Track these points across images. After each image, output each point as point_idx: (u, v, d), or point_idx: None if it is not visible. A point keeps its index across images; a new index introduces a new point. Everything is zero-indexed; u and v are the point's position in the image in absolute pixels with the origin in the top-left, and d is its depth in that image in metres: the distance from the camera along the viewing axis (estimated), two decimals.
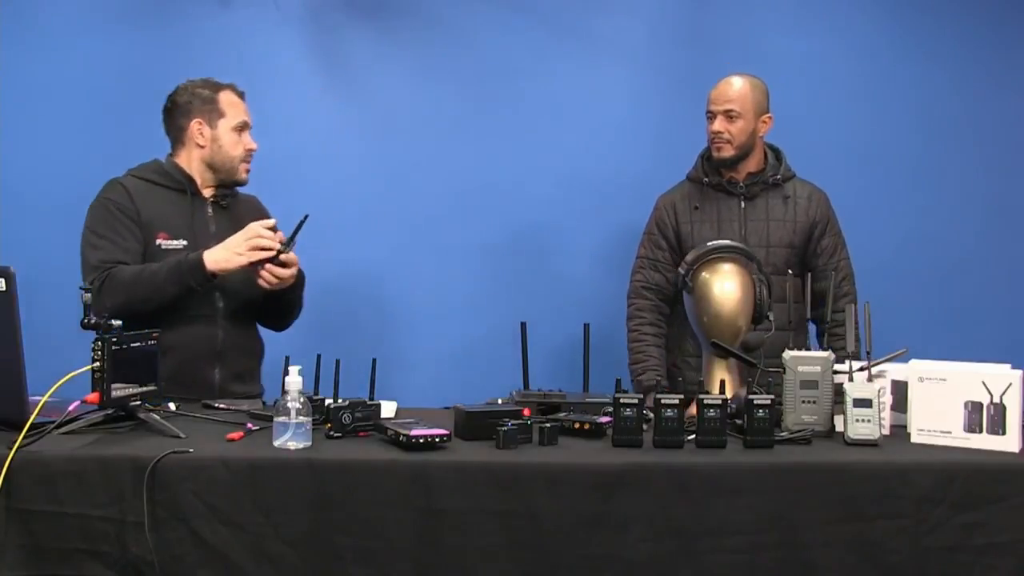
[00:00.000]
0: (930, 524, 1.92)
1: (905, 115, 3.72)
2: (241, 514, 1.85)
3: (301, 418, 1.95)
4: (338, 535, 1.86)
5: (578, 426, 2.15)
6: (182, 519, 1.84)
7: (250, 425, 2.13)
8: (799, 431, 2.12)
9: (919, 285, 3.66)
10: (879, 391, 2.11)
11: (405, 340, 3.57)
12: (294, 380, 1.97)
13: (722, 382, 2.16)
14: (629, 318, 3.11)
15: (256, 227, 2.50)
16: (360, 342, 3.43)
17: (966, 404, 2.06)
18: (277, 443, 1.95)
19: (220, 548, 1.84)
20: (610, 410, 2.10)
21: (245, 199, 2.79)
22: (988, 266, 3.73)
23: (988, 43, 3.73)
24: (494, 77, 3.66)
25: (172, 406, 2.32)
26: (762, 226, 3.01)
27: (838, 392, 2.15)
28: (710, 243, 2.45)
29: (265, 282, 2.51)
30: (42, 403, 1.94)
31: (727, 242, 2.47)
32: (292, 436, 1.94)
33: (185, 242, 2.60)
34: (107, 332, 2.01)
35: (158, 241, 2.59)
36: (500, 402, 2.28)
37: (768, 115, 3.02)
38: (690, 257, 2.43)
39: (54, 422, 1.96)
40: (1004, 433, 2.03)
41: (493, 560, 1.88)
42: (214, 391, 2.58)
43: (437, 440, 1.96)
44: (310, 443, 1.96)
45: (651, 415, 2.07)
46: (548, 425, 2.07)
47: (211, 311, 2.62)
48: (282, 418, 1.95)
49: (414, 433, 1.94)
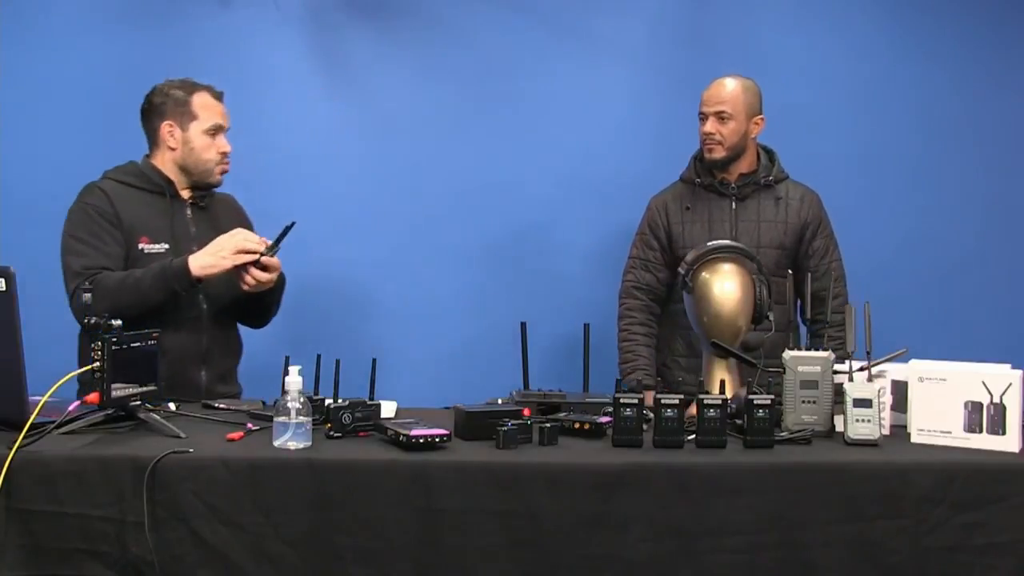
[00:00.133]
0: (930, 524, 1.92)
1: (905, 115, 3.72)
2: (241, 514, 1.85)
3: (301, 418, 1.95)
4: (338, 535, 1.86)
5: (578, 426, 2.14)
6: (182, 519, 1.84)
7: (250, 425, 2.13)
8: (799, 431, 2.12)
9: (919, 285, 3.66)
10: (879, 391, 2.11)
11: (405, 340, 3.56)
12: (294, 380, 1.97)
13: (722, 382, 2.16)
14: (620, 317, 3.12)
15: (242, 231, 2.54)
16: (360, 342, 3.44)
17: (966, 404, 2.06)
18: (277, 443, 1.95)
19: (220, 548, 1.84)
20: (610, 410, 2.10)
21: (221, 198, 2.80)
22: (988, 266, 3.72)
23: (988, 43, 3.73)
24: (494, 77, 3.66)
25: (172, 406, 2.32)
26: (753, 227, 3.01)
27: (838, 392, 2.15)
28: (710, 243, 2.45)
29: (247, 285, 2.54)
30: (42, 403, 1.94)
31: (727, 242, 2.47)
32: (292, 436, 1.94)
33: (167, 245, 2.60)
34: (107, 332, 2.01)
35: (140, 245, 2.58)
36: (500, 402, 2.28)
37: (760, 116, 3.02)
38: (690, 257, 2.43)
39: (54, 422, 1.96)
40: (1004, 433, 2.03)
41: (493, 560, 1.88)
42: (200, 392, 2.59)
43: (437, 440, 1.96)
44: (310, 443, 1.96)
45: (651, 415, 2.08)
46: (548, 425, 2.07)
47: (196, 314, 2.63)
48: (282, 418, 1.95)
49: (414, 433, 1.94)
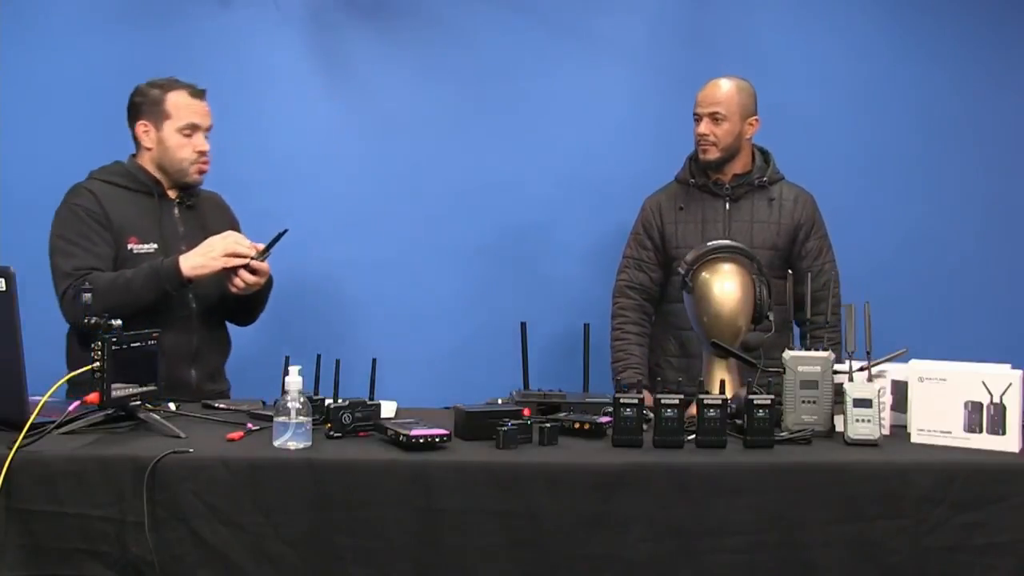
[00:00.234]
0: (930, 524, 1.92)
1: (905, 115, 3.72)
2: (241, 514, 1.85)
3: (301, 418, 1.95)
4: (338, 535, 1.86)
5: (578, 426, 2.14)
6: (182, 519, 1.84)
7: (250, 425, 2.13)
8: (799, 431, 2.12)
9: (919, 285, 3.66)
10: (879, 391, 2.11)
11: (405, 340, 3.56)
12: (294, 380, 1.97)
13: (722, 382, 2.16)
14: (613, 316, 3.13)
15: (233, 234, 2.56)
16: (360, 342, 3.44)
17: (966, 404, 2.06)
18: (277, 443, 1.95)
19: (220, 548, 1.84)
20: (610, 410, 2.10)
21: (207, 196, 2.80)
22: (988, 266, 3.72)
23: (988, 43, 3.73)
24: (494, 77, 3.66)
25: (172, 406, 2.32)
26: (746, 227, 3.01)
27: (838, 392, 2.15)
28: (710, 243, 2.45)
29: (235, 287, 2.56)
30: (42, 403, 1.94)
31: (727, 242, 2.47)
32: (292, 436, 1.94)
33: (156, 245, 2.61)
34: (107, 332, 2.01)
35: (129, 245, 2.59)
36: (500, 402, 2.28)
37: (755, 117, 3.02)
38: (690, 257, 2.43)
39: (54, 422, 1.96)
40: (1004, 433, 2.03)
41: (493, 560, 1.88)
42: (191, 391, 2.59)
43: (437, 440, 1.96)
44: (310, 443, 1.96)
45: (651, 415, 2.08)
46: (548, 425, 2.07)
47: (186, 313, 2.64)
48: (282, 418, 1.95)
49: (414, 433, 1.94)
